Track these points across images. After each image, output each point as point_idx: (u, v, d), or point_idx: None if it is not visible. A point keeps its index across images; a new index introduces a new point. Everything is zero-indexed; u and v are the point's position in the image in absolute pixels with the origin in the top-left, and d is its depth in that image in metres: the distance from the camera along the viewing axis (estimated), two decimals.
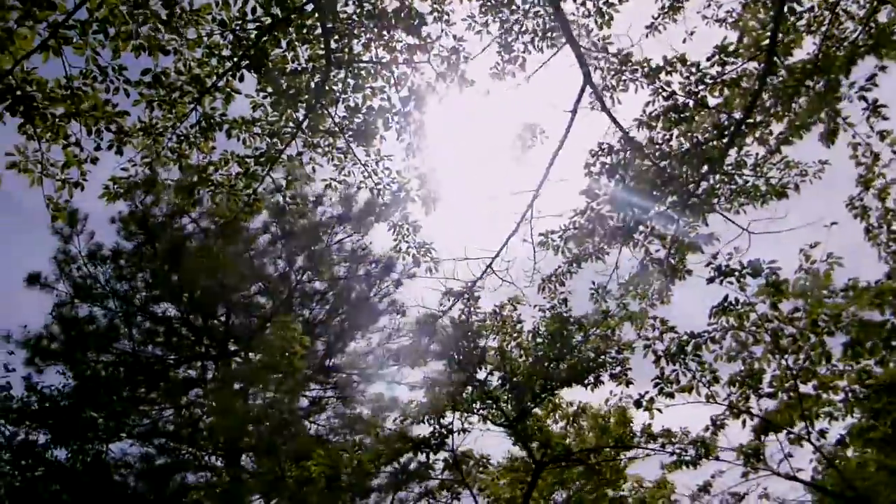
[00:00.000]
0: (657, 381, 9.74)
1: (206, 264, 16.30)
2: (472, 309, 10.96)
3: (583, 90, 7.58)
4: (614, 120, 7.84)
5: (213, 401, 14.29)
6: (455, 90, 9.02)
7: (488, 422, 11.78)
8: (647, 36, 10.05)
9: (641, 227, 9.79)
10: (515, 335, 11.41)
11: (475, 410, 11.63)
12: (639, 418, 12.81)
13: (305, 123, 8.52)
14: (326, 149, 8.94)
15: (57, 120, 6.99)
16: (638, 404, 10.13)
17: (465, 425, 11.48)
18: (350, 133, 8.69)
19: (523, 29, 9.00)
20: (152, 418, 16.15)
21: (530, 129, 9.64)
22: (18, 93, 6.85)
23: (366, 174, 8.99)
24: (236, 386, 13.78)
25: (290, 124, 8.53)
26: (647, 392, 10.00)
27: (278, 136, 8.63)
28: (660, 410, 10.01)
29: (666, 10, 9.89)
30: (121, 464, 14.94)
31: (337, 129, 8.68)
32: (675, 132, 8.79)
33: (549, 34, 9.08)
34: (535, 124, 9.68)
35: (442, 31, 8.62)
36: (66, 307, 16.76)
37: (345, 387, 15.72)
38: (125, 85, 6.92)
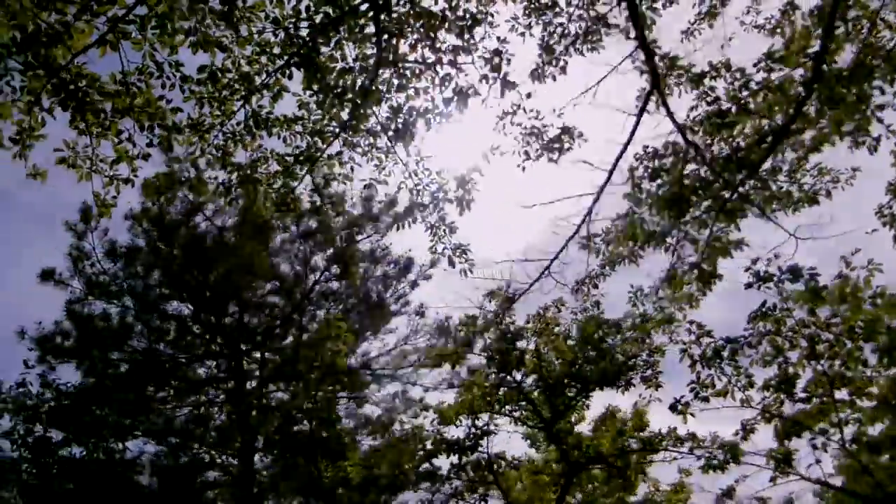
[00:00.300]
0: (693, 385, 9.77)
1: (222, 262, 16.25)
2: (507, 311, 10.95)
3: (650, 93, 7.58)
4: (677, 124, 7.84)
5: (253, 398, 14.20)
6: (496, 92, 9.06)
7: (519, 423, 11.78)
8: (682, 41, 10.13)
9: (674, 232, 9.83)
10: (553, 337, 11.41)
11: (508, 412, 11.62)
12: (654, 422, 12.90)
13: (348, 123, 8.50)
14: (366, 148, 8.91)
15: (109, 115, 6.95)
16: (674, 408, 10.15)
17: (495, 427, 11.47)
18: (391, 133, 8.66)
19: (565, 32, 9.01)
20: (166, 416, 16.04)
21: (568, 133, 9.67)
22: (71, 87, 6.82)
23: (406, 174, 8.96)
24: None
25: (333, 123, 8.50)
26: (682, 396, 10.02)
27: (320, 135, 8.60)
28: (692, 415, 10.03)
29: (703, 15, 9.94)
30: (135, 462, 14.84)
31: (379, 128, 8.66)
32: (717, 137, 8.81)
33: (590, 37, 9.13)
34: (573, 127, 9.72)
35: (485, 32, 8.64)
36: (79, 304, 16.65)
37: (361, 387, 15.65)
38: (181, 82, 6.86)
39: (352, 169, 9.05)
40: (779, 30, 9.58)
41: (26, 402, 14.35)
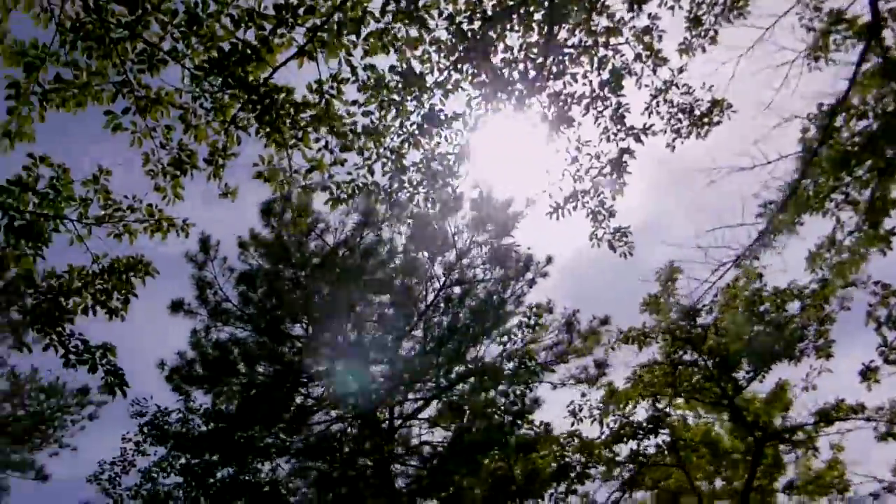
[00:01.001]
0: (881, 348, 9.47)
1: (339, 279, 16.47)
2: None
3: (869, 43, 7.41)
4: None
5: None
6: (649, 70, 9.03)
7: (698, 403, 11.59)
8: None
9: (834, 195, 9.60)
10: (734, 310, 11.24)
11: (688, 392, 11.46)
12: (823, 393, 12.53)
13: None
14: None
15: (303, 126, 7.10)
16: (864, 375, 9.86)
17: (674, 408, 11.32)
18: (552, 120, 8.67)
19: (714, 1, 8.92)
20: (304, 435, 16.29)
21: (718, 106, 9.56)
22: (267, 101, 7.00)
23: (568, 161, 8.94)
24: None
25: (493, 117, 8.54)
26: (871, 361, 9.73)
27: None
28: (878, 381, 9.73)
29: None
30: (278, 481, 15.11)
31: (539, 117, 8.67)
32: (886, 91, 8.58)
33: (737, 4, 9.03)
34: (723, 100, 9.60)
35: (635, 10, 8.62)
36: (205, 332, 17.07)
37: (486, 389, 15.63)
38: (375, 85, 6.97)
39: None
40: None
41: (173, 430, 14.75)
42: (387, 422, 16.54)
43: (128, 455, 15.28)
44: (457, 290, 16.47)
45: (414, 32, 7.00)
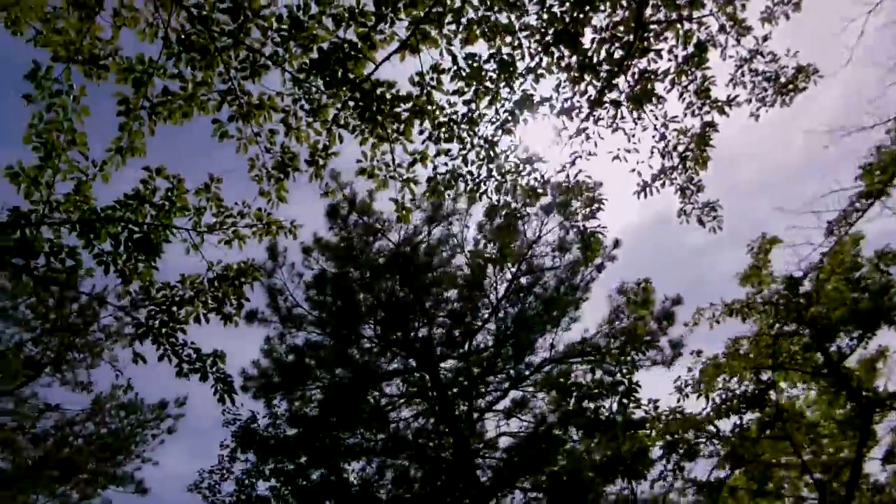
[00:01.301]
0: None
1: (409, 278, 16.56)
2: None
3: None
4: None
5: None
6: (733, 40, 8.95)
7: (801, 373, 11.43)
8: None
9: None
10: (838, 276, 11.06)
11: (789, 362, 11.33)
12: None
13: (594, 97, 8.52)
14: (609, 121, 8.91)
15: (405, 119, 7.17)
16: None
17: (776, 380, 11.16)
18: (636, 98, 8.63)
19: None
20: (386, 433, 16.44)
21: (803, 72, 9.42)
22: (369, 97, 7.07)
23: (656, 138, 8.90)
24: None
25: (580, 99, 8.53)
26: None
27: (567, 114, 8.65)
28: None
29: None
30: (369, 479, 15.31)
31: (623, 97, 8.64)
32: None
33: None
34: (809, 65, 9.46)
35: None
36: (279, 339, 17.31)
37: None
38: (468, 74, 7.00)
39: (595, 144, 9.09)
40: None
41: (262, 436, 15.00)
42: (464, 415, 16.58)
43: (224, 462, 15.59)
44: (525, 280, 16.48)
45: (505, 19, 7.01)
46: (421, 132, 7.17)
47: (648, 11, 8.15)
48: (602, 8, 7.60)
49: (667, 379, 13.99)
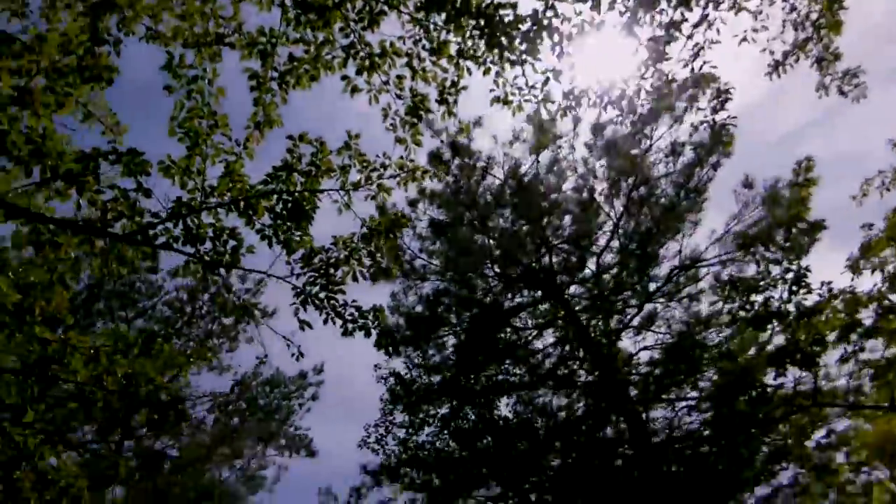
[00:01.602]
0: None
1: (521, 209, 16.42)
2: None
3: None
4: None
5: None
6: None
7: None
8: None
9: None
10: None
11: None
12: None
13: None
14: (731, 3, 8.43)
15: (530, 38, 6.95)
16: None
17: None
18: None
19: None
20: (528, 366, 16.58)
21: None
22: (492, 22, 6.87)
23: (786, 10, 8.38)
24: None
25: None
26: None
27: (685, 4, 8.21)
28: None
29: None
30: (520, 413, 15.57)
31: None
32: None
33: None
34: None
35: None
36: (404, 292, 17.63)
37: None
38: None
39: (718, 31, 8.63)
40: None
41: (414, 387, 15.42)
42: (600, 336, 16.48)
43: (386, 416, 16.13)
44: (641, 191, 16.02)
45: None
46: (552, 48, 6.92)
47: None
48: None
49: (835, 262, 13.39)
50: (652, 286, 16.80)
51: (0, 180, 5.75)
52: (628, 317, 17.09)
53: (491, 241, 17.52)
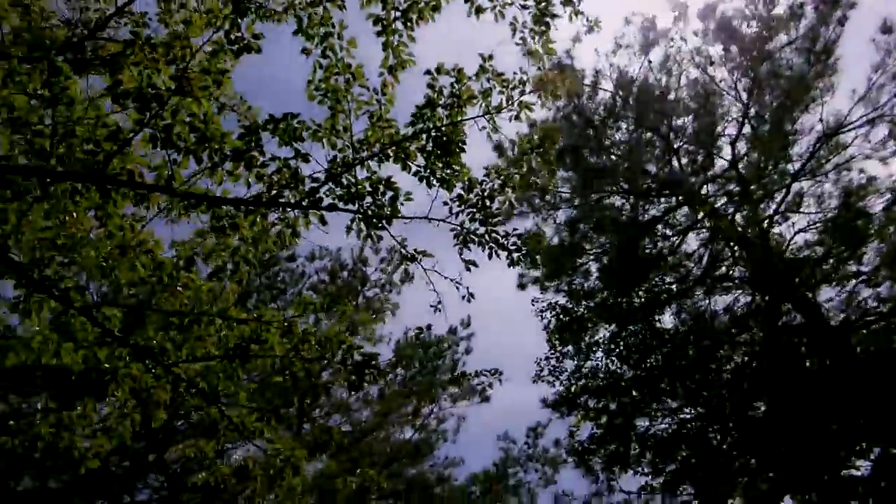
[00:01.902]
0: None
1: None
2: None
3: None
4: None
5: None
6: None
7: None
8: None
9: None
10: None
11: None
12: None
13: None
14: None
15: None
16: None
17: None
18: None
19: None
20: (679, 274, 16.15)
21: None
22: None
23: None
24: None
25: None
26: None
27: None
28: None
29: None
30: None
31: None
32: None
33: None
34: None
35: None
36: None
37: None
38: None
39: None
40: None
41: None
42: (750, 227, 15.73)
43: (554, 348, 16.14)
44: (765, 68, 15.04)
45: None
46: None
47: None
48: None
49: None
50: (793, 166, 15.88)
51: (174, 173, 5.92)
52: (775, 202, 16.25)
53: (614, 157, 17.02)
